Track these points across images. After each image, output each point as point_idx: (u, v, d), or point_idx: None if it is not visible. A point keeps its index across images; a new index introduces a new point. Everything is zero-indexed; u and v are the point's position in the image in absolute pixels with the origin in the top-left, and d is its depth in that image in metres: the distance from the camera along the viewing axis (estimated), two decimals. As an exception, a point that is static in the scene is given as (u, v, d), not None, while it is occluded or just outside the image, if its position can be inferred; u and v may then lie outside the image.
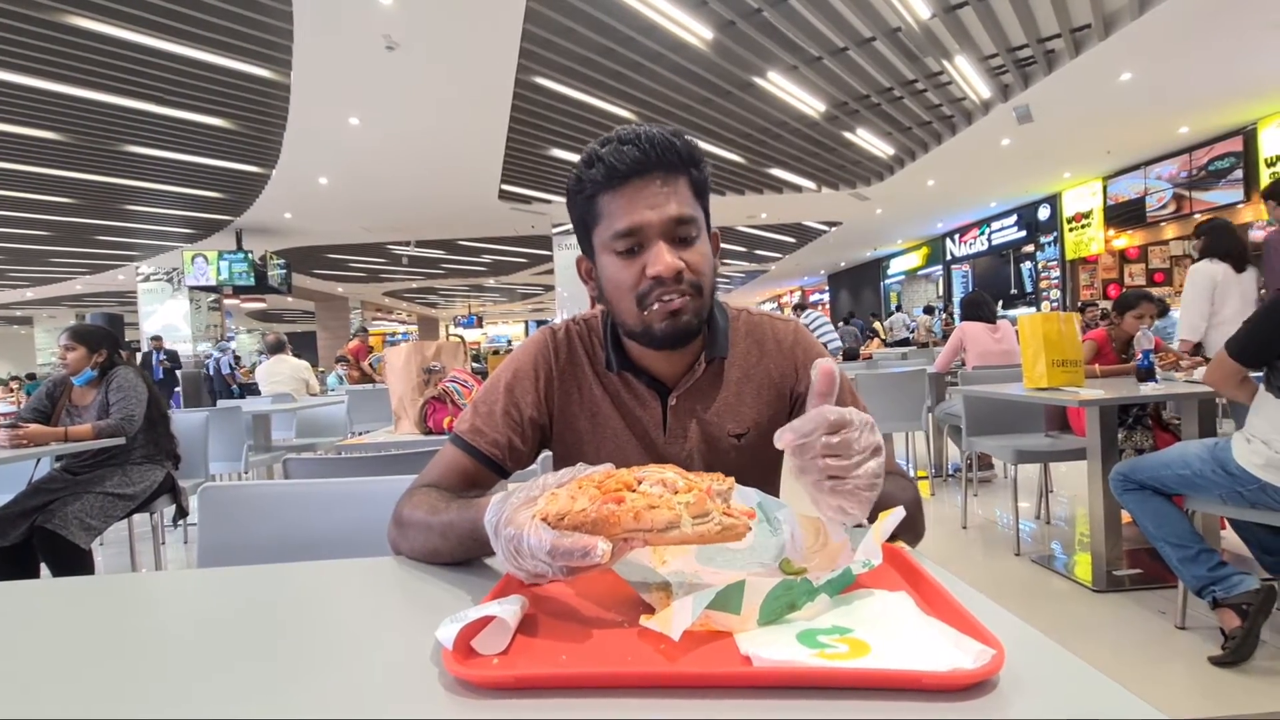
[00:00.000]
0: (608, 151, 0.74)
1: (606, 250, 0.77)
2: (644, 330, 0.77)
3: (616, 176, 0.74)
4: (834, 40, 5.36)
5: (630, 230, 0.74)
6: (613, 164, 0.74)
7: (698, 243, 0.77)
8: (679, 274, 0.74)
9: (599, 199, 0.76)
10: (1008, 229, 12.27)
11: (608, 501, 0.48)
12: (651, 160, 0.73)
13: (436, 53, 5.15)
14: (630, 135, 0.74)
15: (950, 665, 0.39)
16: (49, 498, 2.30)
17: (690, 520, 0.48)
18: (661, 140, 0.74)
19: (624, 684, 0.40)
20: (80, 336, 2.52)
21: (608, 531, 0.47)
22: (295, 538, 0.97)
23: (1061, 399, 2.36)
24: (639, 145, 0.73)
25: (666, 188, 0.74)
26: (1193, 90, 6.72)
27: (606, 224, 0.76)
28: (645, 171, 0.74)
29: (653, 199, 0.74)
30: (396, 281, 17.23)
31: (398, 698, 0.41)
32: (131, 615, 0.62)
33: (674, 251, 0.74)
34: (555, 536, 0.47)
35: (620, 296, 0.77)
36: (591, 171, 0.75)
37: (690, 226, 0.75)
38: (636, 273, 0.75)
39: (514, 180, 8.36)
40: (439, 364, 2.49)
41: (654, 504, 0.48)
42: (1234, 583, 1.75)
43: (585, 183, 0.76)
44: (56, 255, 11.41)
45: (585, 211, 0.78)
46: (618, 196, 0.75)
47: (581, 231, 0.81)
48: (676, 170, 0.75)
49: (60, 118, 5.85)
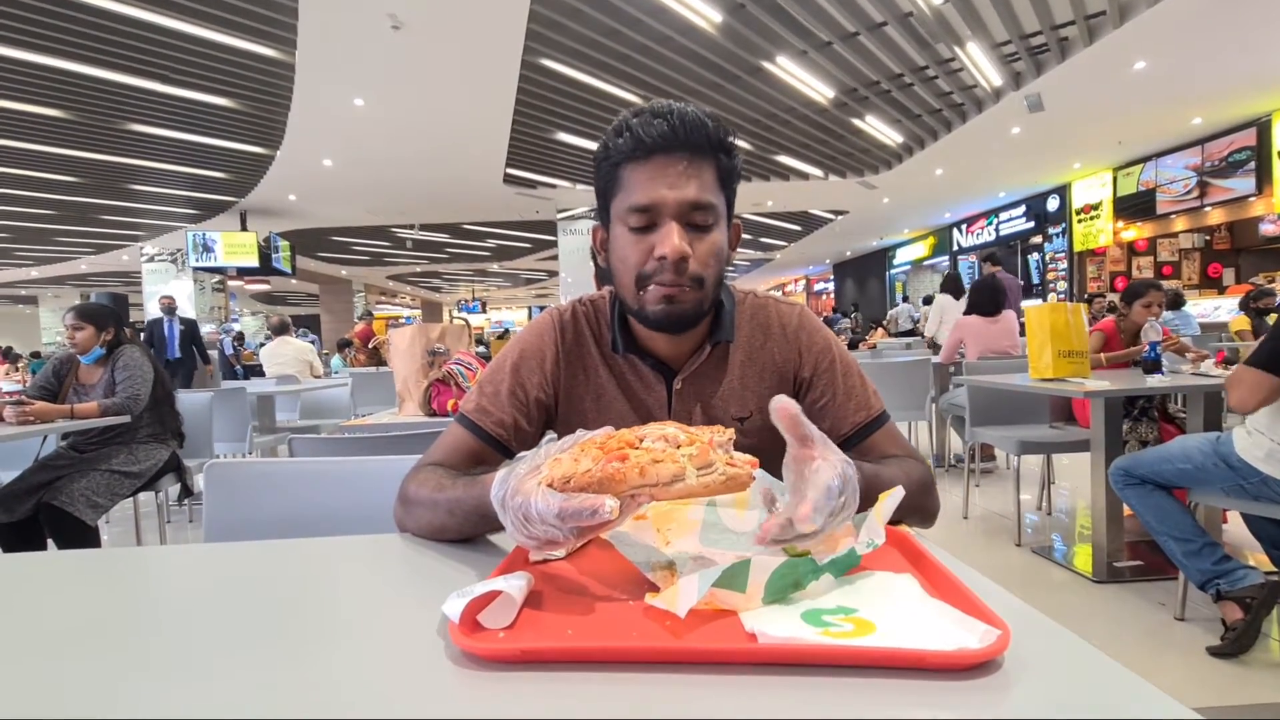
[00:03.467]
0: (638, 122, 0.72)
1: (620, 222, 0.76)
2: (640, 310, 0.77)
3: (642, 149, 0.72)
4: (845, 25, 5.29)
5: (645, 206, 0.73)
6: (640, 136, 0.72)
7: (713, 232, 0.75)
8: (683, 261, 0.72)
9: (622, 169, 0.75)
10: (1016, 219, 12.17)
11: (611, 460, 0.48)
12: (679, 138, 0.72)
13: (442, 33, 5.09)
14: (663, 109, 0.72)
15: (955, 645, 0.39)
16: (55, 474, 2.32)
17: (694, 472, 0.48)
18: (693, 119, 0.72)
19: (629, 659, 0.41)
20: (88, 315, 2.53)
21: (614, 490, 0.47)
22: (302, 515, 0.98)
23: (1067, 390, 2.35)
24: (669, 120, 0.71)
25: (690, 169, 0.72)
26: (1207, 80, 6.62)
27: (624, 196, 0.75)
28: (671, 149, 0.72)
29: (674, 178, 0.72)
30: (400, 265, 17.20)
31: (405, 670, 0.42)
32: (139, 588, 0.63)
33: (685, 236, 0.73)
34: (563, 499, 0.47)
35: (624, 271, 0.77)
36: (619, 140, 0.73)
37: (707, 214, 0.74)
38: (644, 250, 0.74)
39: (519, 164, 8.31)
40: (443, 346, 2.50)
41: (658, 459, 0.48)
42: (1239, 576, 1.75)
43: (611, 151, 0.75)
44: (61, 234, 11.41)
45: (608, 179, 0.77)
46: (640, 170, 0.73)
47: (601, 199, 0.80)
48: (704, 153, 0.73)
49: (64, 95, 5.82)
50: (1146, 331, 2.63)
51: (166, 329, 6.63)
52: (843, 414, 0.82)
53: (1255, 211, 8.22)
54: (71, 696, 0.40)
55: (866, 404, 0.82)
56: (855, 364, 0.85)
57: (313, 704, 0.38)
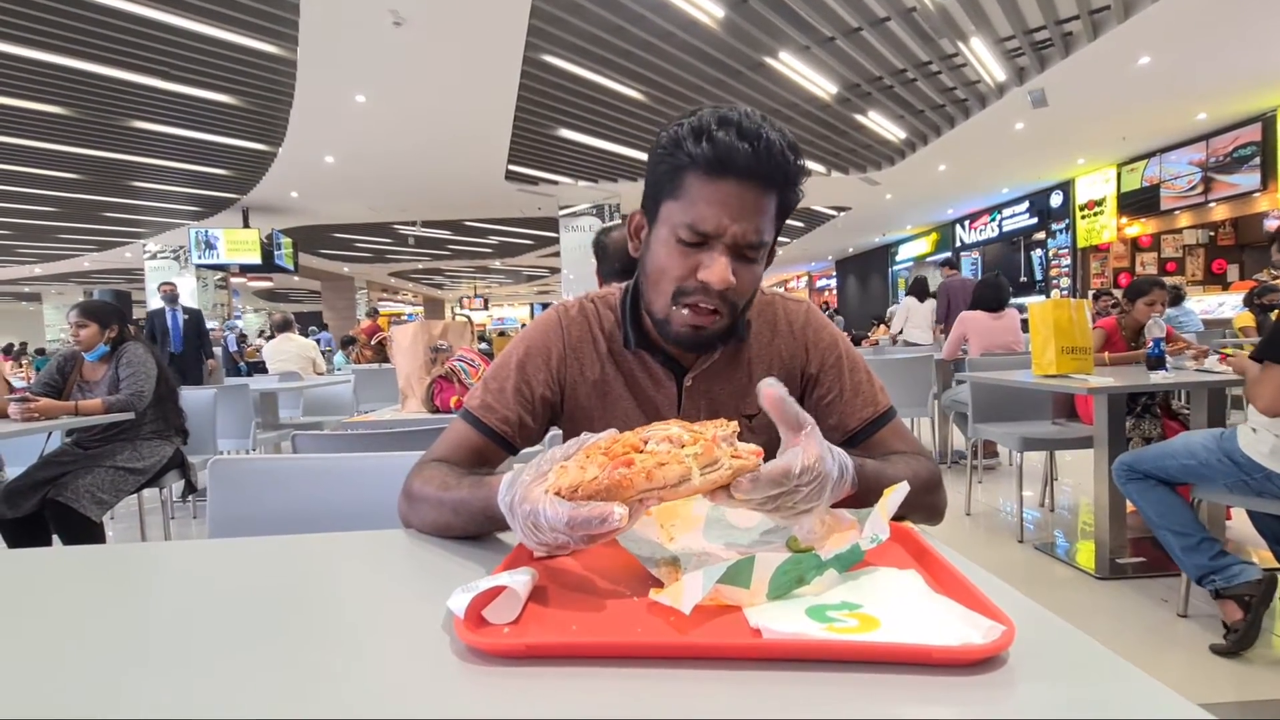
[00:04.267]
0: (721, 135, 0.68)
1: (669, 227, 0.73)
2: (665, 321, 0.76)
3: (717, 168, 0.68)
4: (847, 20, 5.26)
5: (704, 230, 0.70)
6: (721, 154, 0.68)
7: (756, 264, 0.74)
8: (725, 291, 0.72)
9: (688, 174, 0.70)
10: (1019, 215, 12.12)
11: (618, 466, 0.48)
12: (759, 170, 0.68)
13: (444, 29, 5.08)
14: (752, 130, 0.68)
15: (960, 640, 0.39)
16: (60, 470, 2.33)
17: (699, 471, 0.48)
18: (779, 152, 0.69)
19: (634, 654, 0.41)
20: (92, 313, 2.54)
21: (621, 495, 0.47)
22: (306, 511, 0.98)
23: (1070, 386, 2.34)
24: (755, 148, 0.67)
25: (759, 203, 0.70)
26: (1213, 75, 6.58)
27: (684, 206, 0.71)
28: (747, 176, 0.69)
29: (740, 209, 0.69)
30: (402, 262, 17.20)
31: (410, 665, 0.42)
32: (144, 584, 0.63)
33: (731, 266, 0.71)
34: (571, 508, 0.47)
35: (660, 279, 0.75)
36: (696, 148, 0.69)
37: (759, 250, 0.73)
38: (688, 267, 0.72)
39: (521, 161, 8.29)
40: (446, 343, 2.50)
41: (663, 461, 0.48)
42: (1234, 572, 1.75)
43: (682, 151, 0.70)
44: (64, 231, 11.43)
45: (668, 177, 0.72)
46: (708, 187, 0.69)
47: (653, 190, 0.76)
48: (775, 186, 0.71)
49: (66, 92, 5.82)
50: (1150, 328, 2.62)
51: (169, 320, 5.78)
52: (850, 410, 0.82)
53: (1260, 207, 8.18)
54: (76, 692, 0.40)
55: (874, 400, 0.82)
56: (862, 360, 0.85)
57: (317, 700, 0.38)
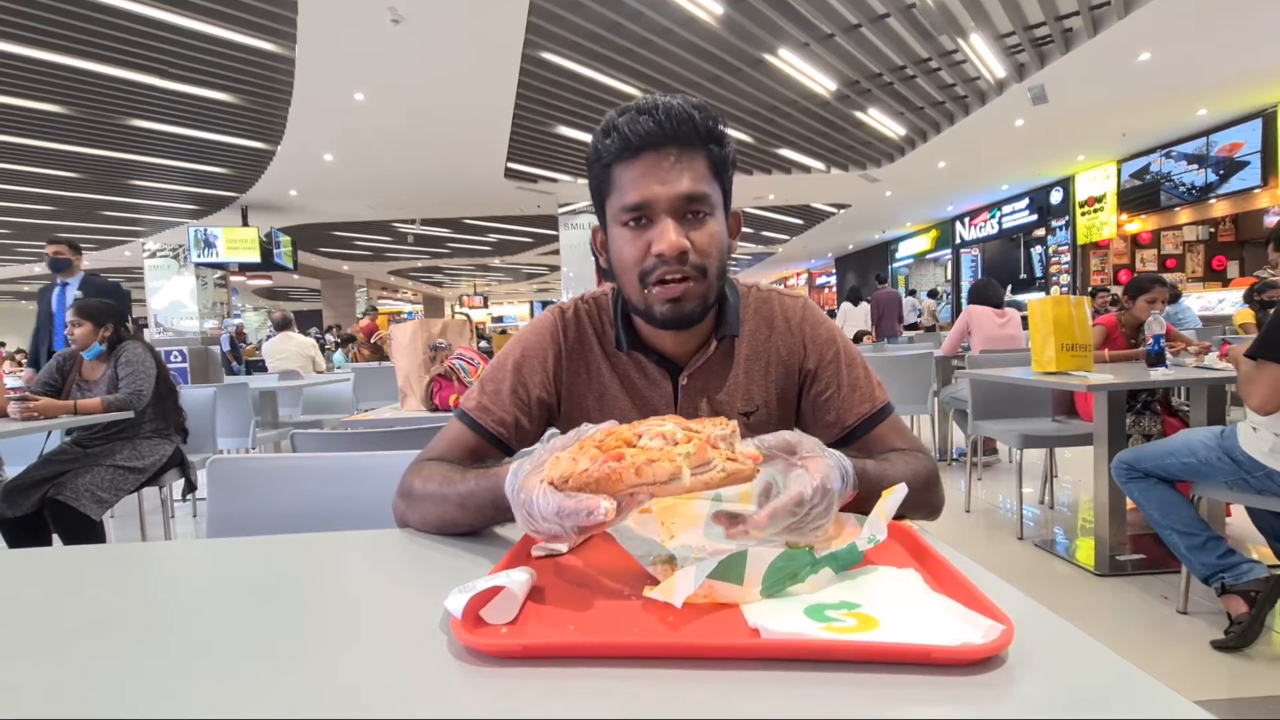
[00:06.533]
0: (624, 121, 0.72)
1: (616, 222, 0.76)
2: (646, 309, 0.76)
3: (630, 148, 0.72)
4: (847, 16, 5.25)
5: (638, 204, 0.72)
6: (627, 135, 0.71)
7: (709, 222, 0.74)
8: (683, 254, 0.72)
9: (613, 169, 0.74)
10: (1019, 212, 12.10)
11: (608, 460, 0.48)
12: (667, 133, 0.71)
13: (442, 27, 5.07)
14: (648, 105, 0.72)
15: (959, 640, 0.38)
16: (60, 469, 2.33)
17: (691, 470, 0.48)
18: (679, 112, 0.71)
19: (631, 654, 0.41)
20: (85, 312, 2.53)
21: (611, 489, 0.48)
22: (304, 510, 0.98)
23: (1070, 383, 2.34)
24: (655, 116, 0.71)
25: (681, 163, 0.72)
26: (1213, 71, 6.56)
27: (618, 195, 0.74)
28: (660, 145, 0.71)
29: (664, 174, 0.72)
30: (402, 260, 17.18)
31: (407, 665, 0.42)
32: (143, 582, 0.63)
33: (681, 230, 0.72)
34: (561, 498, 0.49)
35: (625, 270, 0.76)
36: (607, 141, 0.73)
37: (702, 204, 0.73)
38: (642, 248, 0.74)
39: (520, 158, 8.28)
40: (445, 341, 2.50)
41: (654, 458, 0.48)
42: (1243, 570, 1.75)
43: (601, 152, 0.74)
44: (62, 230, 11.40)
45: (601, 181, 0.77)
46: (630, 168, 0.73)
47: (597, 200, 0.80)
48: (693, 145, 0.73)
49: (64, 91, 5.80)
50: (1150, 325, 2.62)
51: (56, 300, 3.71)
52: (847, 406, 0.82)
53: (1260, 203, 8.16)
54: (76, 692, 0.40)
55: (871, 396, 0.82)
56: (859, 356, 0.85)
57: (315, 699, 0.38)
